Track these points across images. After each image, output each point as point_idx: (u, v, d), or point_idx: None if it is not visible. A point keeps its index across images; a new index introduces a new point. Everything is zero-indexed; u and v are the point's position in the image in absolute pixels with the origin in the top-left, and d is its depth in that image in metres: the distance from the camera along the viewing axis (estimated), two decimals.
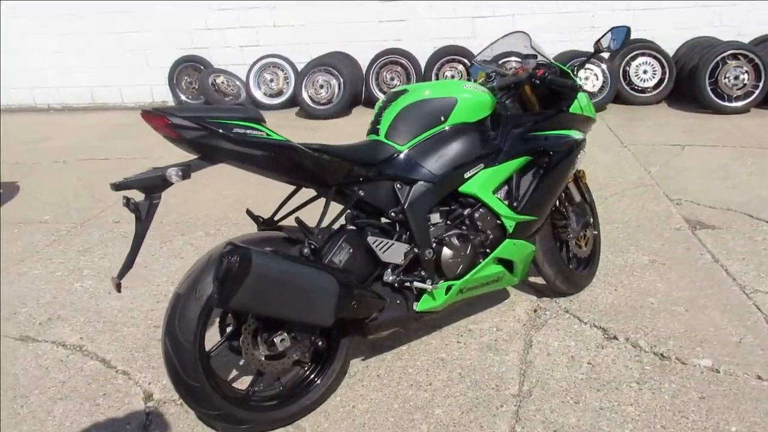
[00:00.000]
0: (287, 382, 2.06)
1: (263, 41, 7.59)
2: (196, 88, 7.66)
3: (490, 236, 2.26)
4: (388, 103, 2.19)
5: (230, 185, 4.47)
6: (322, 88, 6.81)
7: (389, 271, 2.08)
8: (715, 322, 2.49)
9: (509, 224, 2.27)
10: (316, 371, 2.09)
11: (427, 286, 2.12)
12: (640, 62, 6.53)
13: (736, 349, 2.30)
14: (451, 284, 2.19)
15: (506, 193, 2.31)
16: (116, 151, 5.92)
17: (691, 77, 6.05)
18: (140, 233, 1.72)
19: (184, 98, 7.83)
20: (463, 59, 6.84)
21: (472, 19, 7.08)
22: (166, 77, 7.78)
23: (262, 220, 2.11)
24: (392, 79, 7.04)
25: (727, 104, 5.95)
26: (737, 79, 5.90)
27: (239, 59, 7.63)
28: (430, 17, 7.13)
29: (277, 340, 1.88)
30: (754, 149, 4.84)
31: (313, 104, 6.84)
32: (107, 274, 3.25)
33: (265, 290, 1.70)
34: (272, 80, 7.43)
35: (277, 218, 2.12)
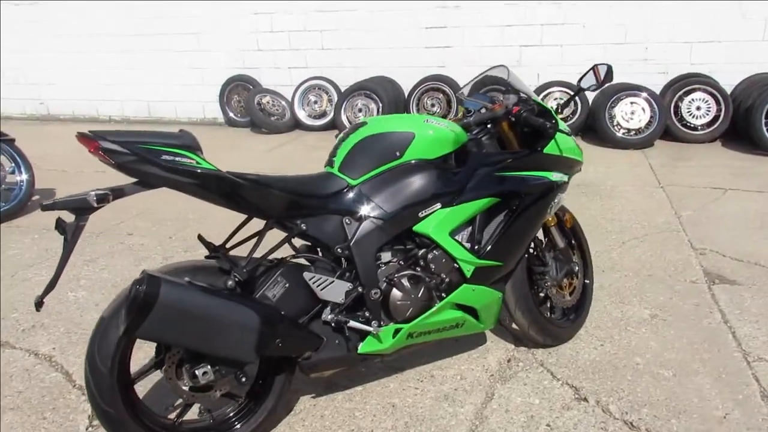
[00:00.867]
0: (218, 415, 2.01)
1: (311, 63, 7.72)
2: (243, 106, 7.87)
3: (445, 279, 2.14)
4: (346, 135, 2.13)
5: None
6: (360, 111, 6.83)
7: (328, 309, 2.00)
8: (702, 391, 2.24)
9: (467, 269, 2.13)
10: (248, 407, 2.02)
11: (369, 327, 2.02)
12: (694, 98, 6.15)
13: (717, 425, 2.06)
14: (399, 327, 2.08)
15: (469, 235, 2.18)
16: None
17: (746, 116, 5.63)
18: (65, 254, 1.73)
19: (232, 116, 8.06)
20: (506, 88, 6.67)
21: (519, 47, 6.93)
22: (217, 95, 8.04)
23: (213, 246, 2.08)
24: (432, 105, 6.97)
25: None
26: None
27: (287, 80, 7.80)
28: (475, 45, 7.03)
29: (199, 372, 1.83)
30: None
31: None
32: (102, 285, 3.33)
33: (174, 321, 1.66)
34: (316, 102, 7.53)
35: (229, 245, 2.09)
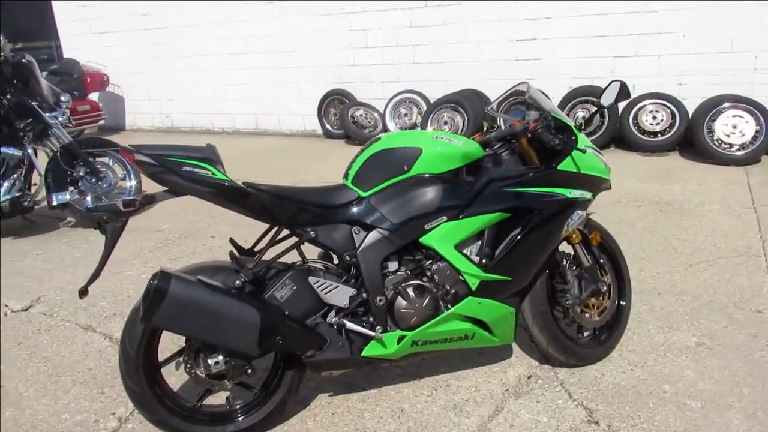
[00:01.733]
0: (234, 403, 2.21)
1: (403, 77, 7.92)
2: (339, 119, 8.24)
3: (451, 291, 2.19)
4: (363, 149, 2.25)
5: None
6: (446, 124, 6.91)
7: (333, 312, 2.13)
8: (729, 427, 2.10)
9: (472, 282, 2.17)
10: (260, 398, 2.20)
11: (371, 332, 2.12)
12: None
13: None
14: (403, 335, 2.16)
15: (478, 248, 2.21)
16: (249, 170, 6.61)
17: None
18: (106, 251, 2.00)
19: (329, 128, 8.45)
20: (596, 100, 6.45)
21: (613, 58, 6.66)
22: (316, 109, 8.48)
23: (240, 249, 2.28)
24: None
25: None
26: None
27: (380, 94, 8.05)
28: (567, 56, 6.86)
29: (211, 361, 2.04)
30: None
31: None
32: None
33: (182, 313, 1.88)
34: (406, 114, 7.71)
35: (258, 248, 2.28)
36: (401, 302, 2.16)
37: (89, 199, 4.94)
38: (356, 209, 2.15)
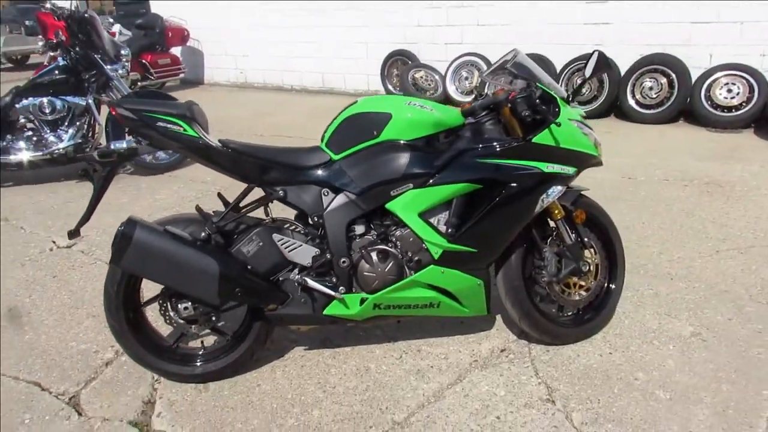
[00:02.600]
0: (208, 347, 2.36)
1: (466, 39, 7.72)
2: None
3: (414, 258, 2.19)
4: (340, 112, 2.27)
5: None
6: None
7: (296, 270, 2.20)
8: (690, 421, 2.01)
9: (434, 251, 2.16)
10: (231, 344, 2.33)
11: (332, 292, 2.18)
12: None
13: None
14: (366, 297, 2.20)
15: (446, 218, 2.19)
16: (309, 130, 6.73)
17: None
18: (95, 196, 2.18)
19: (391, 88, 8.43)
20: (667, 70, 6.03)
21: (690, 24, 6.15)
22: (379, 69, 8.46)
23: (226, 203, 2.39)
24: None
25: None
26: None
27: (443, 56, 7.90)
28: (639, 21, 6.40)
29: (181, 306, 2.19)
30: None
31: None
32: None
33: (146, 259, 2.02)
34: (467, 78, 7.55)
35: (243, 204, 2.37)
36: (364, 265, 2.19)
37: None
38: (327, 172, 2.18)
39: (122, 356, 2.52)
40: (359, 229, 2.21)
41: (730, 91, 5.78)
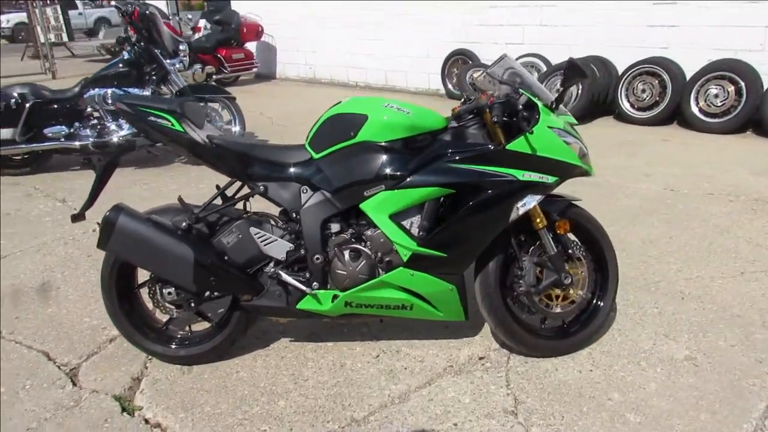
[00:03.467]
0: (195, 331, 2.49)
1: (528, 39, 7.54)
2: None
3: (385, 259, 2.22)
4: (324, 112, 2.32)
5: None
6: (558, 92, 6.50)
7: (271, 264, 2.28)
8: None
9: (403, 253, 2.17)
10: (213, 331, 2.44)
11: (304, 287, 2.24)
12: None
13: None
14: (337, 294, 2.25)
15: (419, 222, 2.19)
16: None
17: None
18: (96, 184, 2.35)
19: (451, 88, 8.38)
20: (735, 77, 5.64)
21: (764, 28, 5.71)
22: (440, 68, 8.44)
23: (225, 197, 2.51)
24: (643, 91, 6.24)
25: None
26: None
27: None
28: (708, 24, 6.02)
29: (165, 291, 2.32)
30: None
31: None
32: None
33: (129, 244, 2.17)
34: None
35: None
36: (337, 263, 2.24)
37: None
38: (306, 170, 2.25)
39: None
40: (335, 227, 2.26)
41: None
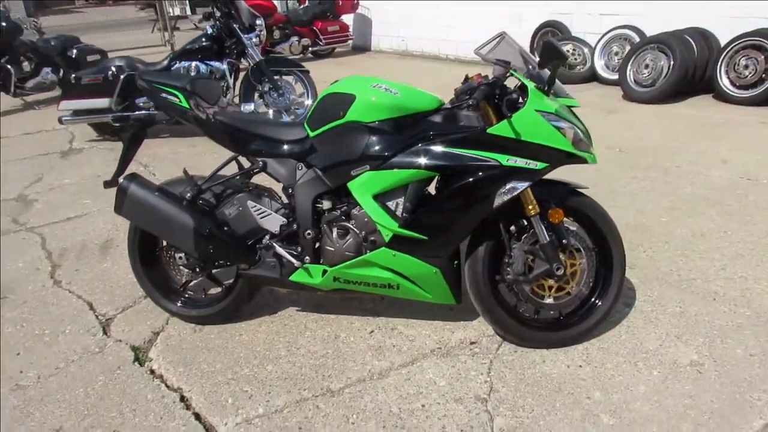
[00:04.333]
0: (208, 295, 2.68)
1: (623, 10, 7.02)
2: None
3: (369, 238, 2.25)
4: (323, 90, 2.37)
5: None
6: (647, 68, 6.03)
7: (267, 236, 2.39)
8: None
9: (385, 233, 2.19)
10: (222, 295, 2.61)
11: (294, 261, 2.33)
12: None
13: None
14: (326, 269, 2.32)
15: (403, 203, 2.19)
16: None
17: None
18: (124, 154, 2.56)
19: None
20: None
21: None
22: (529, 40, 8.10)
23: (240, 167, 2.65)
24: (746, 67, 5.62)
25: None
26: None
27: (596, 28, 7.29)
28: None
29: (177, 255, 2.52)
30: None
31: (634, 85, 6.15)
32: None
33: (138, 210, 2.38)
34: (617, 53, 6.90)
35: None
36: (326, 239, 2.31)
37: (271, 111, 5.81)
38: (303, 148, 2.32)
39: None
40: (326, 204, 2.32)
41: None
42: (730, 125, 5.13)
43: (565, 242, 2.23)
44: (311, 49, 10.42)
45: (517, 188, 2.09)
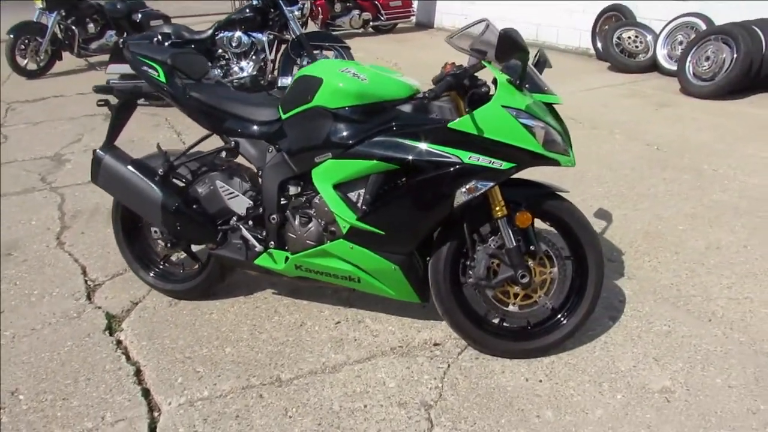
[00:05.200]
0: (186, 270, 2.70)
1: None
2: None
3: (329, 228, 2.18)
4: (299, 72, 2.29)
5: None
6: (707, 60, 5.56)
7: (234, 218, 2.36)
8: None
9: (342, 224, 2.11)
10: (196, 272, 2.62)
11: (257, 244, 2.30)
12: None
13: None
14: (288, 256, 2.28)
15: (363, 194, 2.10)
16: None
17: None
18: (113, 123, 2.59)
19: (600, 47, 7.58)
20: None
21: None
22: (591, 25, 7.66)
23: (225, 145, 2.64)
24: None
25: None
26: None
27: (663, 14, 6.79)
28: None
29: (152, 229, 2.54)
30: None
31: (693, 78, 5.70)
32: None
33: (111, 180, 2.41)
34: (681, 42, 6.41)
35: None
36: (289, 226, 2.26)
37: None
38: (274, 130, 2.26)
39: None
40: (292, 189, 2.27)
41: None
42: None
43: (533, 248, 2.09)
44: (372, 23, 10.30)
45: (479, 188, 1.95)
